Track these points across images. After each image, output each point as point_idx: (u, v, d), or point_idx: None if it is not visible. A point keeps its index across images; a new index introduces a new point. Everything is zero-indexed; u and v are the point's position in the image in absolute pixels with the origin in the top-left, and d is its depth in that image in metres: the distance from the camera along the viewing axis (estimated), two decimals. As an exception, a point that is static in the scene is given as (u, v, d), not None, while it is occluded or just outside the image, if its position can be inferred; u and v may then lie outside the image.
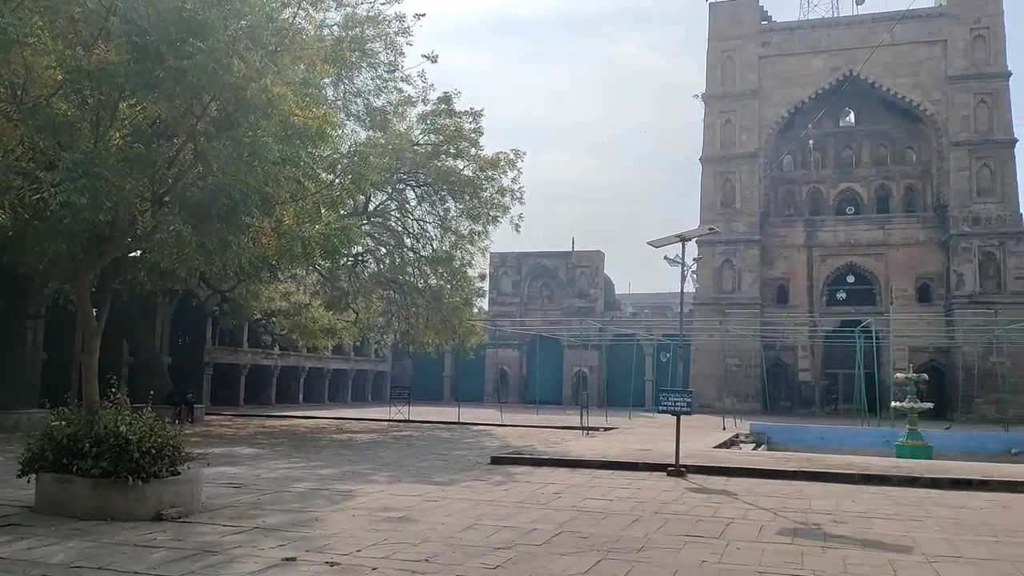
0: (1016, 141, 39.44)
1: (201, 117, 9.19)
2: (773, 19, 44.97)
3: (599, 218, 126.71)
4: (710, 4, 44.48)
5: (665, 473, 13.15)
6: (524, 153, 24.01)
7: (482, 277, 25.73)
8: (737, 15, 43.88)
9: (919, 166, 42.52)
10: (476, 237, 24.03)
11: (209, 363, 33.25)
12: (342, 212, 17.91)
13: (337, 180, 14.78)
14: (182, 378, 28.10)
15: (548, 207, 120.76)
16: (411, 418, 26.93)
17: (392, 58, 22.37)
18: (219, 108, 9.24)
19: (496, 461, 14.71)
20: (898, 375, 24.08)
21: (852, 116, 44.73)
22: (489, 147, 43.27)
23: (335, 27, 22.13)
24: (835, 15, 46.68)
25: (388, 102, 23.30)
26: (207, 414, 27.27)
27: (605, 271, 47.94)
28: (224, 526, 7.98)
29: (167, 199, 9.75)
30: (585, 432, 22.99)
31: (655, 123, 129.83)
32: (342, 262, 21.42)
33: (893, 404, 23.50)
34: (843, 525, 9.01)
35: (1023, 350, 36.99)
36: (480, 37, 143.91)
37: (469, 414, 30.18)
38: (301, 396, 40.33)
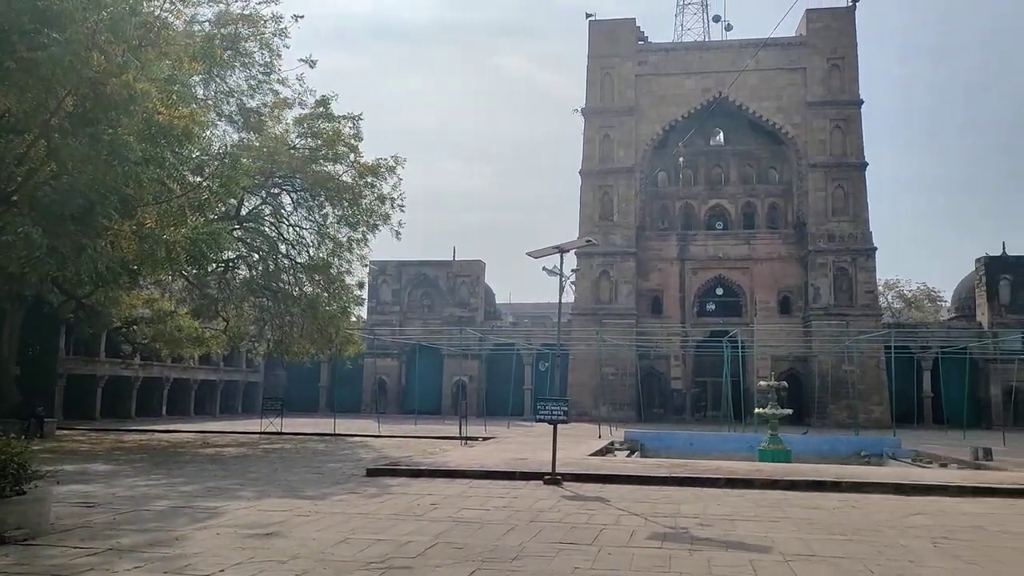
0: (867, 165, 42.29)
1: (55, 112, 8.62)
2: (649, 40, 46.55)
3: (481, 228, 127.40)
4: (590, 22, 45.63)
5: (542, 481, 13.26)
6: (405, 160, 23.81)
7: (361, 285, 25.28)
8: (615, 34, 45.18)
9: (781, 185, 44.92)
10: (355, 244, 23.61)
11: (62, 374, 31.16)
12: (211, 216, 17.20)
13: (205, 183, 14.15)
14: (32, 390, 26.20)
15: (430, 216, 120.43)
16: (284, 430, 26.09)
17: (268, 59, 21.76)
18: (76, 103, 8.69)
19: (372, 473, 14.43)
20: (761, 383, 25.22)
21: (721, 136, 46.81)
22: (370, 153, 42.84)
23: (207, 24, 21.33)
24: (706, 39, 48.88)
25: (263, 103, 22.62)
26: (59, 428, 25.48)
27: (486, 281, 48.17)
28: (75, 548, 7.45)
29: (15, 199, 9.07)
30: (464, 442, 22.93)
31: (537, 135, 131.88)
32: (211, 268, 20.56)
33: (756, 410, 24.61)
34: (709, 528, 9.32)
35: (870, 359, 39.64)
36: (361, 41, 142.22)
37: (345, 425, 29.56)
38: (164, 409, 38.38)
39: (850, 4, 43.75)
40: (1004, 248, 42.68)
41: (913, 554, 7.99)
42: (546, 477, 13.34)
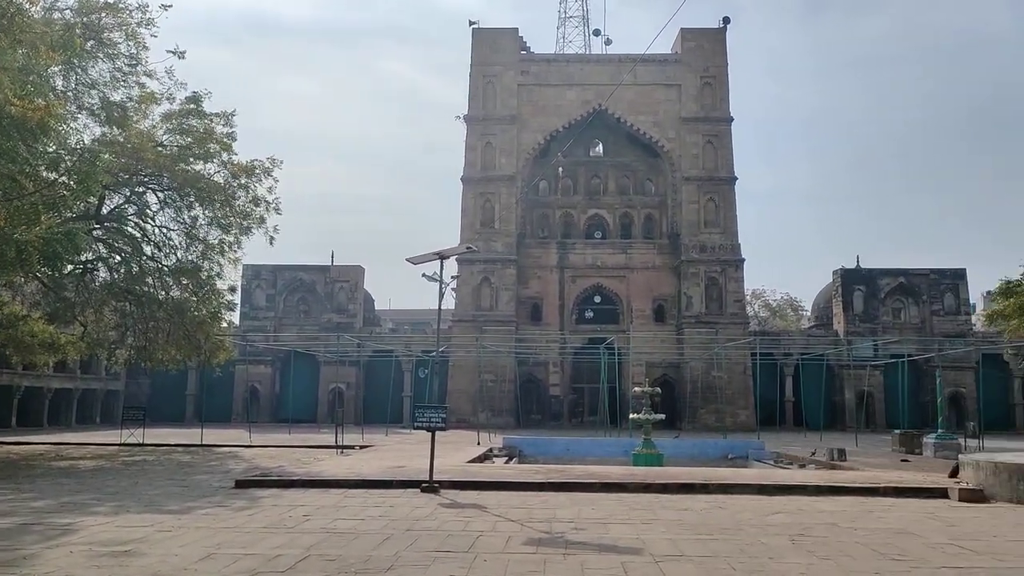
0: (736, 179, 44.30)
1: None
2: (532, 50, 47.18)
3: (361, 233, 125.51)
4: (473, 30, 45.83)
5: (419, 490, 13.11)
6: (281, 161, 23.07)
7: (233, 290, 24.27)
8: (498, 43, 45.56)
9: (657, 197, 46.40)
10: (227, 247, 22.66)
11: None
12: (68, 215, 16.13)
13: (61, 179, 13.23)
14: None
15: (308, 219, 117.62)
16: (146, 441, 24.77)
17: (134, 50, 20.58)
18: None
19: (241, 485, 13.87)
20: (636, 389, 25.91)
21: (601, 147, 47.93)
22: (246, 153, 41.38)
23: (67, 11, 20.03)
24: (587, 52, 50.01)
25: (128, 97, 21.37)
26: None
27: (365, 286, 47.42)
28: (-101, 575, 6.77)
29: None
30: (340, 451, 22.44)
31: (420, 140, 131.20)
32: (67, 270, 19.27)
33: (631, 416, 25.24)
34: (583, 532, 9.44)
35: (737, 365, 41.48)
36: (238, 37, 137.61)
37: (214, 435, 28.38)
38: (14, 419, 35.71)
39: (721, 26, 45.76)
40: (858, 261, 45.70)
41: (773, 551, 8.35)
42: (423, 485, 13.20)
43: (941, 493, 13.26)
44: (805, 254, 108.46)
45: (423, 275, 33.90)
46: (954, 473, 14.56)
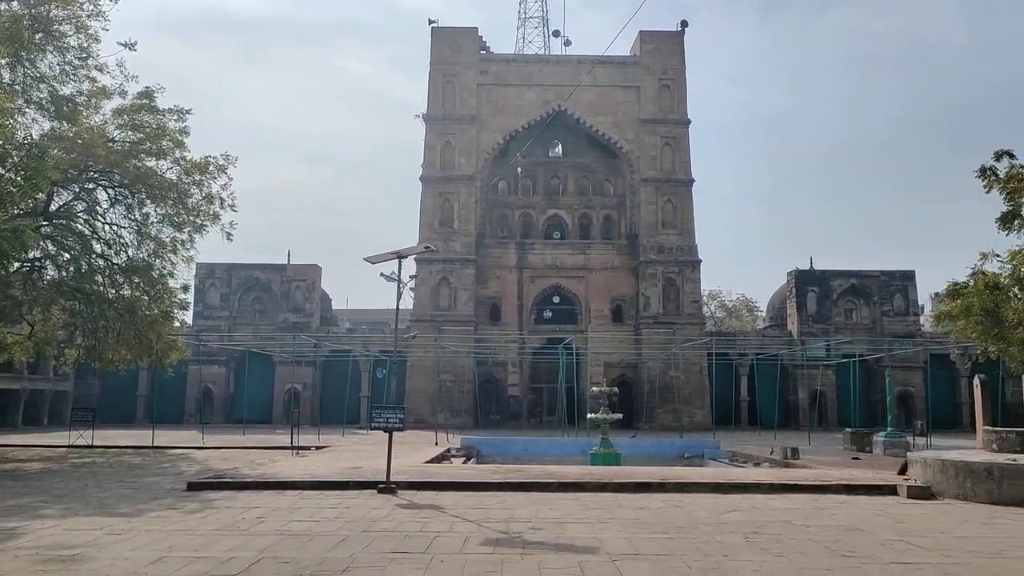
0: (693, 181, 44.75)
1: None
2: (491, 50, 47.16)
3: (318, 231, 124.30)
4: (432, 29, 45.63)
5: (376, 491, 13.02)
6: (236, 158, 22.66)
7: (186, 288, 23.78)
8: (458, 42, 45.45)
9: (616, 198, 46.69)
10: (179, 246, 22.21)
11: None
12: (14, 211, 15.67)
13: (8, 175, 12.87)
14: None
15: (264, 217, 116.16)
16: (96, 443, 24.22)
17: (84, 43, 20.07)
18: None
19: (193, 487, 13.64)
20: (594, 389, 26.06)
21: (560, 148, 48.07)
22: (201, 150, 40.64)
23: (15, 3, 19.49)
24: (547, 52, 50.14)
25: (79, 91, 20.82)
26: None
27: (323, 286, 46.94)
28: None
29: None
30: (295, 452, 22.19)
31: (379, 138, 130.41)
32: (14, 268, 18.72)
33: (589, 415, 25.37)
34: (541, 531, 9.46)
35: (694, 365, 41.94)
36: (194, 31, 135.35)
37: (166, 437, 27.87)
38: (-41, 422, 34.70)
39: (679, 29, 46.22)
40: (812, 263, 46.45)
41: (727, 549, 8.45)
42: (380, 486, 13.12)
43: (891, 490, 13.55)
44: (761, 255, 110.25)
45: (381, 275, 33.61)
46: (903, 471, 14.89)
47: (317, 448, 23.36)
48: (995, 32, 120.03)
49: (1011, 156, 20.16)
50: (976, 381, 16.66)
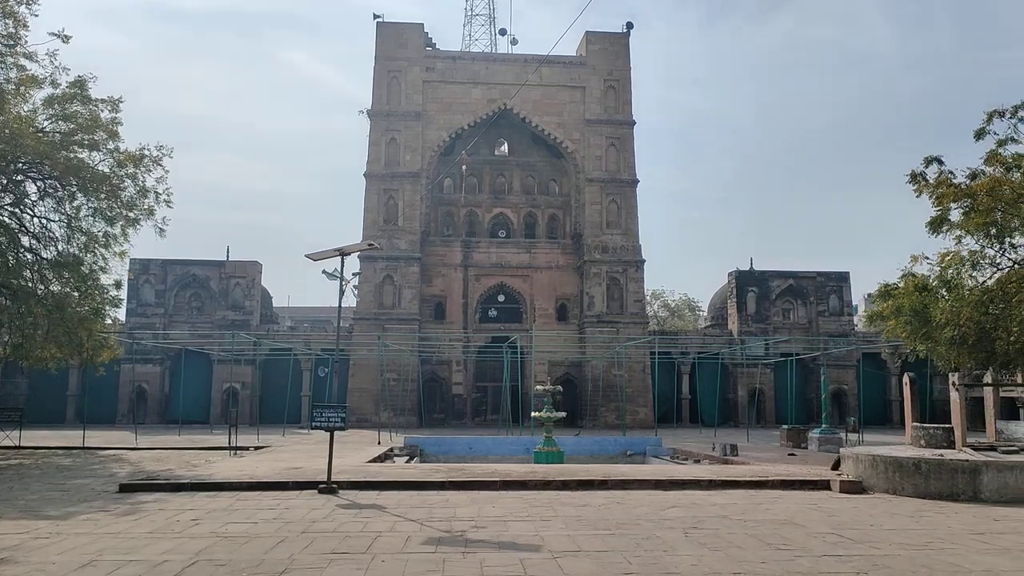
0: (638, 182, 45.21)
1: None
2: (437, 47, 46.93)
3: (259, 227, 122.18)
4: (377, 23, 45.18)
5: (317, 491, 12.85)
6: (172, 149, 22.05)
7: (118, 285, 23.04)
8: (403, 38, 45.10)
9: (561, 197, 46.91)
10: (112, 240, 21.54)
11: None
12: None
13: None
14: None
15: (203, 212, 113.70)
16: (23, 444, 23.40)
17: (12, 29, 19.33)
18: None
19: (126, 489, 13.27)
20: (538, 387, 26.15)
21: (506, 146, 48.08)
22: (134, 141, 39.45)
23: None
24: (494, 51, 50.10)
25: (6, 79, 20.04)
26: None
27: (263, 283, 46.12)
28: None
29: None
30: (233, 452, 21.80)
31: (321, 133, 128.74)
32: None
33: (533, 414, 25.47)
34: (484, 530, 9.45)
35: (637, 364, 42.40)
36: (130, 20, 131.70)
37: (98, 437, 27.09)
38: None
39: (625, 31, 46.64)
40: (752, 263, 47.36)
41: (667, 544, 8.55)
42: (321, 486, 12.95)
43: (824, 485, 13.89)
44: (703, 256, 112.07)
45: (323, 272, 33.09)
46: (836, 466, 15.28)
47: (256, 448, 22.97)
48: (921, 43, 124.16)
49: (940, 162, 20.84)
50: (905, 379, 17.21)
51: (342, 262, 15.34)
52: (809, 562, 7.74)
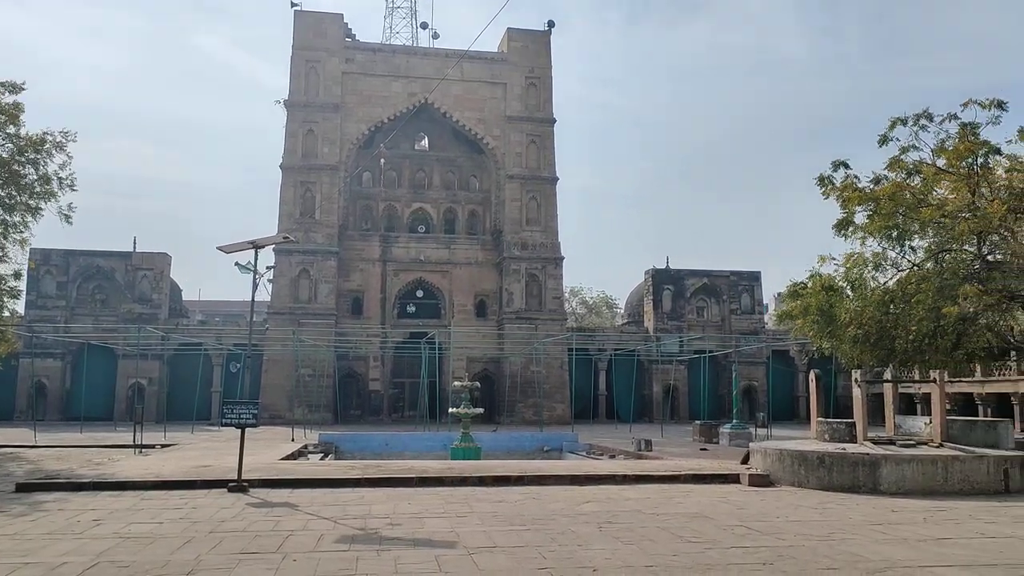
0: (558, 179, 45.57)
1: None
2: (357, 38, 46.25)
3: (169, 218, 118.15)
4: (295, 12, 44.22)
5: (226, 489, 12.51)
6: (75, 134, 21.01)
7: (17, 275, 21.86)
8: (322, 28, 44.27)
9: (481, 193, 46.91)
10: (11, 230, 20.45)
11: None
12: None
13: None
14: None
15: (107, 202, 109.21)
16: (-90, 444, 22.04)
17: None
18: None
19: (23, 488, 12.64)
20: (456, 383, 26.10)
21: (427, 141, 47.78)
22: (37, 127, 37.35)
23: None
24: (415, 44, 49.65)
25: None
26: None
27: (172, 276, 44.60)
28: None
29: None
30: (139, 450, 21.03)
31: (237, 122, 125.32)
32: None
33: (451, 410, 25.41)
34: (398, 527, 9.36)
35: (555, 360, 42.80)
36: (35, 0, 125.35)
37: (-6, 436, 25.74)
38: None
39: (546, 29, 46.91)
40: (668, 262, 48.39)
41: (581, 539, 8.64)
42: (231, 485, 12.61)
43: (734, 479, 14.29)
44: (621, 254, 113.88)
45: (236, 264, 32.03)
46: (745, 460, 15.75)
47: (163, 446, 22.22)
48: (831, 51, 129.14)
49: (846, 166, 21.68)
50: (812, 376, 17.86)
51: (255, 255, 14.97)
52: (718, 554, 7.93)
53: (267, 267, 42.47)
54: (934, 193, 21.11)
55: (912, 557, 7.87)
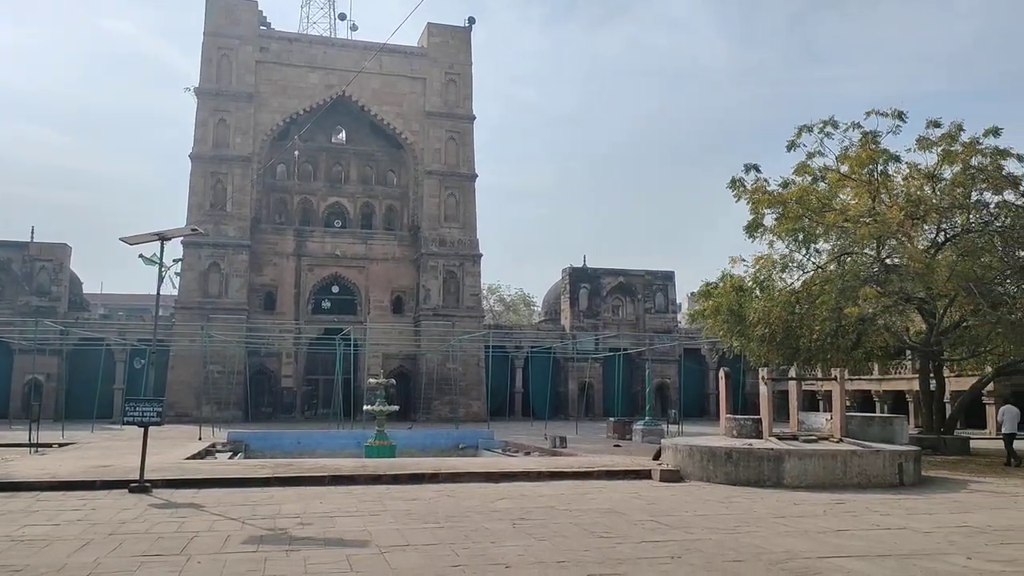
0: (477, 176, 45.55)
1: None
2: (272, 26, 45.16)
3: (70, 207, 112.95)
4: (208, -3, 42.87)
5: (127, 490, 12.04)
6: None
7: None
8: (235, 14, 42.99)
9: (399, 189, 46.49)
10: None
11: None
12: None
13: None
14: None
15: (5, 189, 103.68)
16: None
17: None
18: None
19: (-99, 492, 11.85)
20: (371, 380, 25.79)
21: (344, 134, 47.04)
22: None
23: None
24: (333, 35, 48.79)
25: None
26: None
27: (72, 267, 42.63)
28: None
29: None
30: (35, 450, 20.04)
31: (145, 108, 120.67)
32: None
33: (365, 407, 25.10)
34: (309, 527, 9.17)
35: (472, 357, 42.80)
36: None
37: None
38: None
39: (467, 25, 46.78)
40: (585, 261, 49.00)
41: (495, 536, 8.65)
42: (133, 485, 12.13)
43: (646, 474, 14.56)
44: (539, 252, 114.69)
45: (140, 257, 30.73)
46: (657, 456, 16.07)
47: (61, 445, 21.28)
48: (749, 58, 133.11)
49: (757, 169, 22.39)
50: (722, 373, 18.36)
51: (162, 247, 14.42)
52: (629, 548, 8.05)
53: (174, 260, 41.05)
54: (838, 198, 22.06)
55: (812, 548, 8.16)
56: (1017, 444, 18.75)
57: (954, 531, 9.29)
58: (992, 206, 20.72)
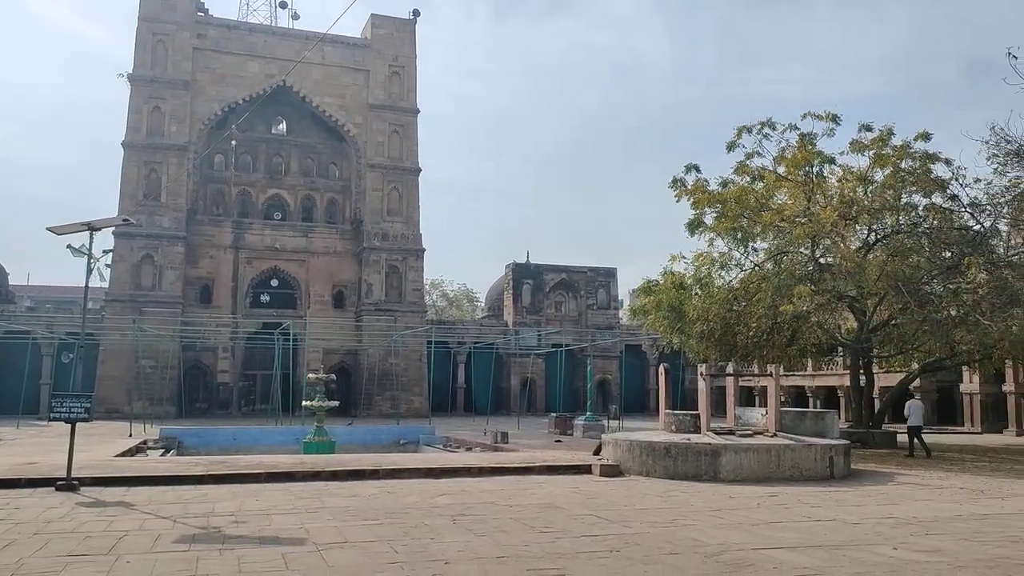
0: (420, 170, 45.23)
1: None
2: (210, 13, 44.08)
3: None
4: (143, -20, 41.63)
5: (54, 488, 11.64)
6: None
7: None
8: (172, 0, 41.86)
9: (341, 182, 45.90)
10: None
11: None
12: None
13: None
14: None
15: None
16: None
17: None
18: None
19: None
20: (310, 376, 25.44)
21: (284, 125, 46.21)
22: None
23: None
24: (273, 24, 47.87)
25: None
26: None
27: (-2, 258, 41.13)
28: None
29: None
30: (-46, 447, 19.20)
31: (74, 94, 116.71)
32: None
33: (305, 403, 24.76)
34: (244, 525, 8.99)
35: (414, 352, 42.57)
36: None
37: None
38: None
39: (412, 17, 46.38)
40: (528, 256, 49.15)
41: (435, 532, 8.59)
42: (59, 483, 11.73)
43: (586, 469, 14.65)
44: (482, 248, 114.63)
45: (68, 247, 29.71)
46: (597, 451, 16.19)
47: (-17, 442, 20.42)
48: (692, 58, 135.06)
49: (698, 169, 22.73)
50: (661, 369, 18.59)
51: (91, 237, 13.93)
52: (569, 543, 8.08)
53: (104, 251, 39.87)
54: (775, 198, 22.55)
55: (746, 540, 8.31)
56: (929, 438, 19.40)
57: (881, 522, 9.57)
58: (921, 208, 21.41)
